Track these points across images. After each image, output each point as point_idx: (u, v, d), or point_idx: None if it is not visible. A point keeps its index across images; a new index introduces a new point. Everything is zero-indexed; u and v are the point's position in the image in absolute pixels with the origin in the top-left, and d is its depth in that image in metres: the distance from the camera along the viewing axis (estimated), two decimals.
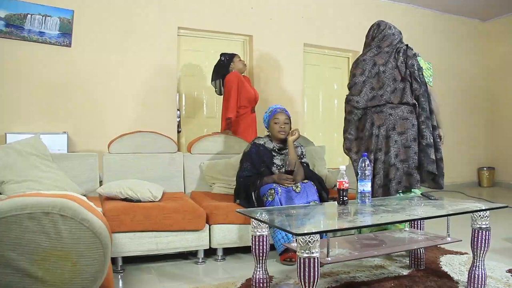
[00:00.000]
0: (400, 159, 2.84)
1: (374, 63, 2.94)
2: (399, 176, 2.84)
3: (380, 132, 2.88)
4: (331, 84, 6.00)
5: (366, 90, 2.93)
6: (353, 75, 3.01)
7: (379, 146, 2.88)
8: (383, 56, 2.95)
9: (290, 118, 3.10)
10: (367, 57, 2.98)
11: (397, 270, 2.50)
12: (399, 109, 2.87)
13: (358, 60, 3.03)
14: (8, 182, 2.57)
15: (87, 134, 4.28)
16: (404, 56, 2.92)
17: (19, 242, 1.17)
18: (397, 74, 2.91)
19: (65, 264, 1.20)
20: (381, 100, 2.89)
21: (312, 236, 1.60)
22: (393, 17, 6.23)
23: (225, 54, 4.17)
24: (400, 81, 2.90)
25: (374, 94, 2.91)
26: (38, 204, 1.20)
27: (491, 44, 7.15)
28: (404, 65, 2.90)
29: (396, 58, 2.93)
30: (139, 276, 2.52)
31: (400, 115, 2.86)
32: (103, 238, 1.25)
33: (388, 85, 2.89)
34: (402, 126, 2.85)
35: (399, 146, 2.85)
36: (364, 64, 2.96)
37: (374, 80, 2.92)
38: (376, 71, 2.92)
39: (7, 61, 4.02)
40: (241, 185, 2.94)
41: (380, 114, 2.89)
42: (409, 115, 2.86)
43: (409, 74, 2.89)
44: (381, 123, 2.88)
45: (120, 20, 4.49)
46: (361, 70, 2.96)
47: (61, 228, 1.20)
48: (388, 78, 2.90)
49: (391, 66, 2.91)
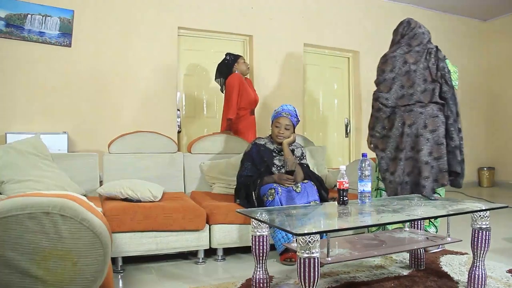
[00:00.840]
0: (434, 157, 2.83)
1: (405, 61, 2.91)
2: (434, 173, 2.83)
3: (411, 131, 2.87)
4: (331, 84, 6.00)
5: (396, 87, 2.90)
6: (382, 71, 2.97)
7: (411, 144, 2.88)
8: (413, 55, 2.92)
9: (297, 121, 3.09)
10: (397, 54, 2.94)
11: (397, 270, 2.50)
12: (429, 107, 2.86)
13: (387, 56, 2.99)
14: (8, 181, 2.57)
15: (87, 134, 4.29)
16: (436, 58, 2.91)
17: (19, 242, 1.17)
18: (428, 75, 2.89)
19: (65, 264, 1.20)
20: (411, 100, 2.87)
21: (312, 236, 1.60)
22: (393, 17, 6.23)
23: (230, 54, 4.17)
24: (430, 82, 2.89)
25: (404, 92, 2.89)
26: (38, 204, 1.20)
27: (491, 44, 7.15)
28: (435, 67, 2.90)
29: (427, 59, 2.91)
30: (139, 276, 2.52)
31: (430, 113, 2.85)
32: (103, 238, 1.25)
33: (419, 85, 2.88)
34: (432, 124, 2.84)
35: (432, 143, 2.83)
36: (395, 60, 2.93)
37: (404, 78, 2.89)
38: (406, 69, 2.89)
39: (7, 61, 4.02)
40: (242, 185, 2.94)
41: (410, 113, 2.87)
42: (438, 112, 2.86)
43: (440, 76, 2.89)
44: (411, 122, 2.86)
45: (120, 20, 4.49)
46: (391, 67, 2.92)
47: (61, 228, 1.20)
48: (419, 78, 2.88)
49: (423, 67, 2.89)
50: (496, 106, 7.10)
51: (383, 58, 3.03)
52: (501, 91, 7.01)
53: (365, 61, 5.98)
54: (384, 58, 3.01)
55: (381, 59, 3.06)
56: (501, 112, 7.01)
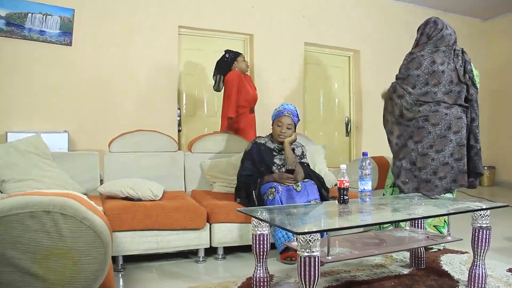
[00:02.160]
0: (455, 158, 2.86)
1: (433, 61, 2.91)
2: (454, 174, 2.86)
3: (435, 130, 2.87)
4: (331, 83, 5.99)
5: (419, 85, 2.91)
6: (407, 68, 2.98)
7: (431, 143, 2.88)
8: (440, 55, 2.92)
9: (298, 121, 3.09)
10: (425, 53, 2.94)
11: (398, 269, 2.50)
12: (454, 108, 2.87)
13: (414, 54, 2.99)
14: (9, 180, 2.58)
15: (88, 133, 4.29)
16: (463, 60, 2.94)
17: (20, 240, 1.17)
18: (455, 76, 2.90)
19: (66, 262, 1.20)
20: (434, 98, 2.87)
21: (312, 235, 1.60)
22: (394, 16, 6.24)
23: (229, 51, 4.14)
24: (456, 84, 2.90)
25: (428, 89, 2.89)
26: (39, 203, 1.20)
27: (492, 43, 7.15)
28: (463, 69, 2.92)
29: (454, 60, 2.93)
30: (139, 275, 2.52)
31: (455, 115, 2.87)
32: (104, 236, 1.25)
33: (444, 85, 2.88)
34: (456, 126, 2.86)
35: (454, 145, 2.85)
36: (422, 59, 2.93)
37: (430, 77, 2.89)
38: (434, 69, 2.89)
39: (8, 60, 4.03)
40: (242, 184, 2.94)
41: (436, 113, 2.87)
42: (462, 114, 2.89)
43: (468, 78, 2.92)
44: (436, 122, 2.87)
45: (121, 19, 4.49)
46: (418, 65, 2.93)
47: (62, 227, 1.20)
48: (446, 79, 2.89)
49: (450, 68, 2.90)
50: (496, 105, 7.09)
51: (410, 56, 3.03)
52: (501, 90, 7.00)
53: (365, 60, 5.98)
54: (411, 56, 3.01)
55: (407, 56, 3.06)
56: (502, 111, 7.01)
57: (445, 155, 2.84)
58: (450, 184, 2.85)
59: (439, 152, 2.86)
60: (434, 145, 2.87)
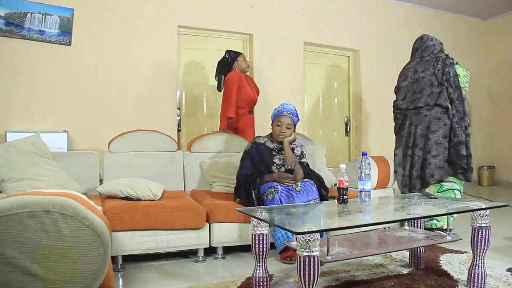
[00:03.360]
0: (433, 155, 3.25)
1: (415, 70, 3.39)
2: (431, 169, 3.24)
3: (417, 131, 3.33)
4: (331, 83, 5.99)
5: (409, 94, 3.40)
6: (398, 81, 3.50)
7: (415, 142, 3.35)
8: (423, 64, 3.38)
9: (298, 120, 3.09)
10: (410, 66, 3.46)
11: (397, 269, 2.50)
12: (434, 110, 3.28)
13: (404, 68, 3.51)
14: (8, 180, 2.57)
15: (87, 132, 4.29)
16: (443, 64, 3.30)
17: (19, 240, 1.17)
18: (434, 79, 3.30)
19: (65, 262, 1.20)
20: (419, 102, 3.32)
21: (312, 234, 1.60)
22: (393, 15, 6.24)
23: (230, 51, 4.14)
24: (437, 86, 3.28)
25: (415, 97, 3.36)
26: (39, 203, 1.20)
27: (492, 43, 7.15)
28: (441, 72, 3.28)
29: (435, 66, 3.32)
30: (139, 274, 2.52)
31: (434, 115, 3.28)
32: (104, 236, 1.25)
33: (426, 89, 3.31)
34: (435, 125, 3.26)
35: (432, 143, 3.25)
36: (407, 71, 3.44)
37: (415, 85, 3.37)
38: (417, 77, 3.36)
39: (7, 60, 4.02)
40: (241, 183, 2.94)
41: (418, 115, 3.34)
42: (442, 115, 3.26)
43: (445, 79, 3.25)
44: (418, 123, 3.33)
45: (120, 19, 4.49)
46: (405, 77, 3.44)
47: (61, 227, 1.20)
48: (426, 83, 3.31)
49: (429, 73, 3.32)
50: (496, 105, 7.10)
51: (401, 71, 3.53)
52: (501, 90, 7.00)
53: (365, 59, 5.98)
54: (402, 70, 3.52)
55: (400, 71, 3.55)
56: (502, 110, 7.01)
57: (424, 151, 3.30)
58: (428, 178, 3.24)
59: (421, 149, 3.32)
60: (418, 144, 3.33)
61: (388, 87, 4.02)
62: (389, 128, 6.05)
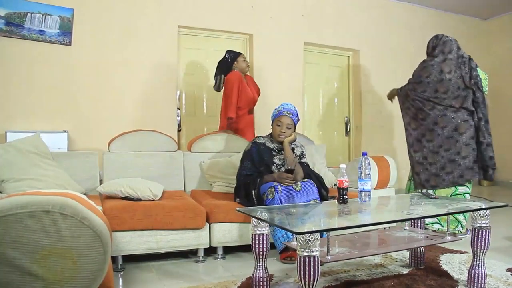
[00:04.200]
0: (462, 156, 3.29)
1: (441, 70, 3.32)
2: (460, 171, 3.29)
3: (443, 132, 3.32)
4: (331, 83, 5.99)
5: (430, 91, 3.35)
6: (419, 76, 3.42)
7: (440, 143, 3.33)
8: (448, 64, 3.34)
9: (298, 120, 3.08)
10: (434, 63, 3.37)
11: (397, 269, 2.50)
12: (460, 112, 3.30)
13: (426, 63, 3.42)
14: (8, 180, 2.57)
15: (87, 132, 4.28)
16: (469, 67, 3.33)
17: (19, 240, 1.17)
18: (461, 82, 3.30)
19: (65, 262, 1.20)
20: (442, 102, 3.31)
21: (312, 234, 1.60)
22: (394, 15, 6.24)
23: (230, 51, 4.14)
24: (463, 89, 3.30)
25: (437, 95, 3.32)
26: (39, 203, 1.20)
27: (492, 43, 7.14)
28: (469, 76, 3.31)
29: (461, 68, 3.33)
30: (139, 274, 2.52)
31: (461, 118, 3.30)
32: (104, 236, 1.25)
33: (452, 92, 3.29)
34: (463, 127, 3.29)
35: (461, 144, 3.28)
36: (432, 68, 3.36)
37: (439, 85, 3.31)
38: (442, 77, 3.31)
39: (7, 60, 4.02)
40: (241, 183, 2.94)
41: (444, 117, 3.32)
42: (468, 117, 3.30)
43: (474, 84, 3.30)
44: (444, 125, 3.32)
45: (120, 19, 4.49)
46: (428, 74, 3.36)
47: (61, 227, 1.20)
48: (453, 86, 3.29)
49: (457, 76, 3.30)
50: (496, 105, 7.08)
51: (422, 64, 3.45)
52: (501, 90, 7.00)
53: (365, 59, 5.98)
54: (423, 65, 3.44)
55: (420, 64, 3.47)
56: (502, 110, 7.00)
57: (452, 153, 3.29)
58: (457, 179, 3.29)
59: (447, 151, 3.31)
60: (443, 145, 3.32)
61: (388, 87, 4.01)
62: (389, 128, 6.08)
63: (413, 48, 6.29)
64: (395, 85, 3.89)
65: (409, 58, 6.29)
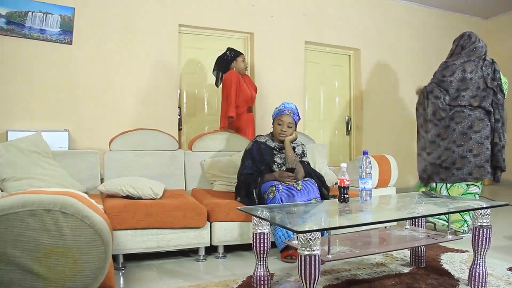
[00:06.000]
0: (473, 154, 3.29)
1: (464, 70, 3.35)
2: (470, 168, 3.30)
3: (458, 128, 3.33)
4: (332, 82, 5.99)
5: (452, 90, 3.36)
6: (442, 75, 3.44)
7: (454, 138, 3.34)
8: (470, 64, 3.36)
9: (299, 119, 3.08)
10: (457, 63, 3.40)
11: (398, 268, 2.50)
12: (477, 111, 3.32)
13: (449, 63, 3.45)
14: (9, 179, 2.58)
15: (88, 131, 4.29)
16: (492, 69, 3.38)
17: (20, 239, 1.17)
18: (482, 83, 3.33)
19: (66, 261, 1.20)
20: (462, 101, 3.32)
21: (313, 233, 1.60)
22: (394, 14, 6.23)
23: (231, 49, 4.14)
24: (483, 89, 3.33)
25: (458, 94, 3.34)
26: (40, 201, 1.20)
27: (493, 42, 7.11)
28: (490, 77, 3.34)
29: (483, 69, 3.35)
30: (140, 273, 2.52)
31: (477, 116, 3.31)
32: (104, 235, 1.25)
33: (471, 90, 3.32)
34: (478, 126, 3.30)
35: (474, 142, 3.29)
36: (455, 68, 3.38)
37: (461, 84, 3.34)
38: (464, 76, 3.33)
39: (8, 59, 4.02)
40: (242, 182, 2.94)
41: (460, 113, 3.33)
42: (485, 117, 3.33)
43: (496, 85, 3.33)
44: (459, 121, 3.33)
45: (121, 18, 4.49)
46: (451, 73, 3.39)
47: (62, 225, 1.20)
48: (473, 85, 3.32)
49: (478, 76, 3.33)
50: None
51: (444, 64, 3.47)
52: None
53: (366, 58, 5.97)
54: (445, 65, 3.46)
55: (441, 64, 3.51)
56: None
57: (464, 150, 3.30)
58: (465, 175, 3.30)
59: (459, 147, 3.32)
60: (456, 140, 3.33)
61: (389, 86, 4.02)
62: (390, 128, 6.06)
63: (414, 47, 6.29)
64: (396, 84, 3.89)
65: (410, 57, 6.31)
